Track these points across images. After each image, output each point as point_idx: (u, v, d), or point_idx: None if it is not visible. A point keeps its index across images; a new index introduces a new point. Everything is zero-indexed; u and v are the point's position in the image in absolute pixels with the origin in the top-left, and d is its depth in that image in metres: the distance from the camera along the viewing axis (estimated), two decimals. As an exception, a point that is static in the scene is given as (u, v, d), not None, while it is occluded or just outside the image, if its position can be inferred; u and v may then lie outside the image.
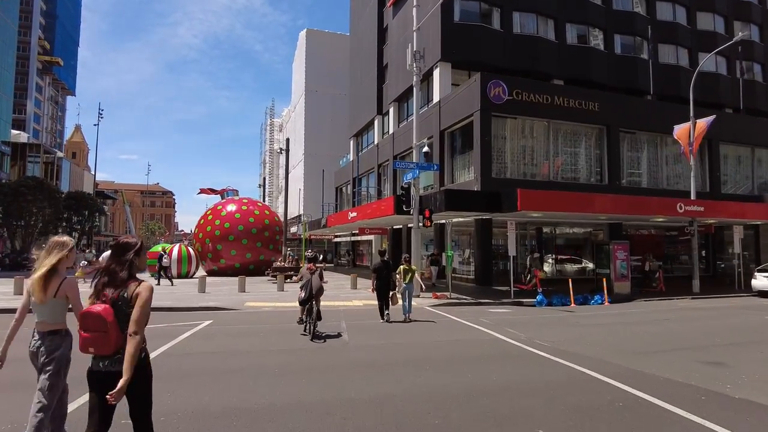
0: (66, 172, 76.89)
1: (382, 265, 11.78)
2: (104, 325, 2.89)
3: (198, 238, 30.72)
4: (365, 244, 41.21)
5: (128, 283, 3.06)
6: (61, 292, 3.49)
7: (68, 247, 3.59)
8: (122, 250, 3.14)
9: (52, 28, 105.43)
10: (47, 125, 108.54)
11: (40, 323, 3.54)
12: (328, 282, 12.31)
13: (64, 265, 3.56)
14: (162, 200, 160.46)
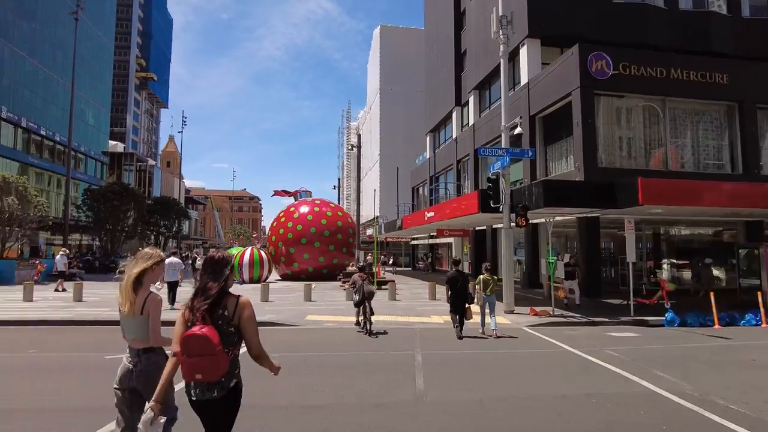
0: (157, 179, 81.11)
1: (455, 275, 10.46)
2: (210, 347, 2.67)
3: (271, 241, 29.68)
4: (444, 247, 38.46)
5: (225, 300, 2.89)
6: (145, 309, 3.29)
7: (154, 260, 3.38)
8: (218, 266, 2.97)
9: (147, 46, 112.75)
10: (144, 136, 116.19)
11: (131, 340, 3.35)
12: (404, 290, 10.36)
13: (150, 279, 3.37)
14: (249, 205, 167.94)
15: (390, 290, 17.25)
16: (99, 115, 64.30)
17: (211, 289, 2.87)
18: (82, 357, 7.81)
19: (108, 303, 14.75)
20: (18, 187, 24.30)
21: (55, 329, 10.53)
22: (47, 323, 10.95)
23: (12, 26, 45.18)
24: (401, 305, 15.61)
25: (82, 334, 9.98)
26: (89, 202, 36.71)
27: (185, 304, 2.91)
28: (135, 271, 3.32)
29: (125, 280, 3.32)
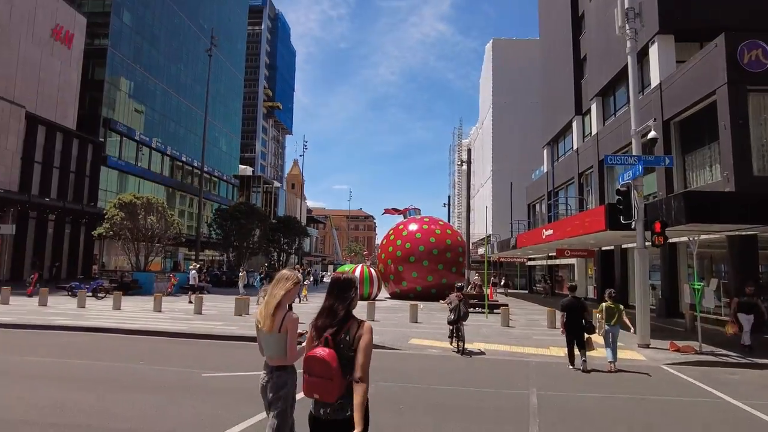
0: (282, 200, 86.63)
1: (572, 302, 9.48)
2: (329, 370, 2.74)
3: (381, 259, 29.72)
4: (565, 269, 35.59)
5: (348, 324, 2.91)
6: (283, 327, 3.37)
7: (292, 281, 3.47)
8: (343, 288, 3.02)
9: (273, 78, 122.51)
10: (271, 161, 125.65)
11: (268, 357, 3.48)
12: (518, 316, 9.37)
13: (287, 298, 3.45)
14: (364, 224, 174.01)
15: (503, 315, 15.95)
16: (231, 142, 70.73)
17: (337, 311, 2.94)
18: (180, 373, 7.88)
19: (223, 317, 15.41)
20: (158, 207, 27.08)
21: (169, 341, 11.03)
22: (163, 334, 11.54)
23: (163, 68, 51.55)
24: (515, 333, 14.27)
25: (189, 348, 10.29)
26: (219, 221, 40.01)
27: (311, 322, 3.00)
28: (281, 293, 3.42)
29: (268, 300, 3.43)
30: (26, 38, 34.01)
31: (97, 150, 40.04)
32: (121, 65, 44.09)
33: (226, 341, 11.14)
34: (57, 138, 35.68)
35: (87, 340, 10.80)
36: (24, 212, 32.37)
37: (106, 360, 8.67)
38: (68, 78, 38.10)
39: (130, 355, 9.28)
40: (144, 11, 47.85)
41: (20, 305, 16.69)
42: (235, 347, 10.55)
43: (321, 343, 2.86)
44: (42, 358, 8.74)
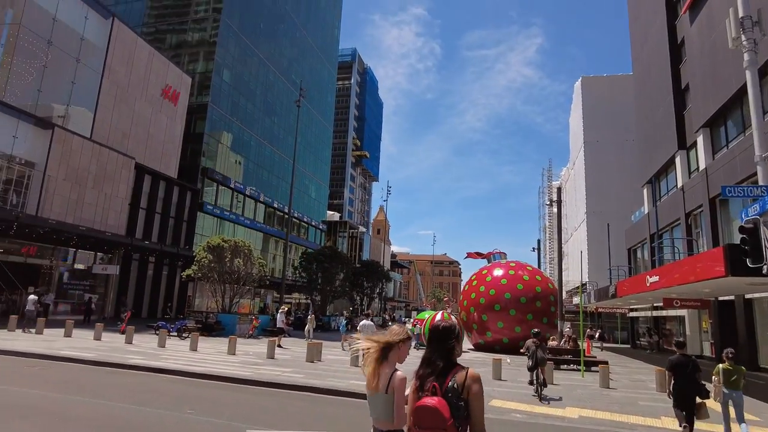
0: (367, 245, 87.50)
1: (681, 360, 7.87)
2: (442, 421, 2.64)
3: (463, 306, 28.08)
4: (674, 321, 31.47)
5: (454, 371, 2.84)
6: (390, 387, 3.10)
7: (401, 336, 3.26)
8: (443, 337, 2.96)
9: (362, 128, 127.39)
10: (358, 207, 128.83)
11: (375, 420, 3.19)
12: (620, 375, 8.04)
13: (395, 356, 3.22)
14: (449, 269, 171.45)
15: (601, 374, 13.81)
16: (319, 189, 73.28)
17: (439, 361, 2.89)
18: (225, 427, 7.19)
19: (295, 363, 14.83)
20: (244, 250, 27.89)
21: (229, 387, 10.53)
22: (227, 379, 11.09)
23: (258, 121, 55.13)
24: (617, 396, 12.19)
25: (246, 396, 9.68)
26: (304, 264, 40.66)
27: (414, 372, 2.94)
28: (382, 340, 3.27)
29: (371, 350, 3.25)
30: (140, 97, 37.89)
31: (195, 197, 42.91)
32: (219, 119, 47.66)
33: (288, 391, 10.43)
34: (160, 186, 38.75)
35: (148, 382, 10.62)
36: (128, 254, 35.02)
37: (155, 405, 8.26)
38: (173, 132, 41.70)
39: (182, 400, 8.84)
40: (242, 70, 51.87)
41: (109, 342, 17.36)
42: (295, 398, 9.79)
43: (428, 392, 2.79)
44: (92, 399, 8.53)
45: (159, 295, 38.66)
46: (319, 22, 73.60)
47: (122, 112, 35.90)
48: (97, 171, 31.81)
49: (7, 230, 24.67)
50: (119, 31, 35.46)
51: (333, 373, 12.78)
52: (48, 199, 28.31)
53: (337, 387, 10.44)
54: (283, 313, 23.80)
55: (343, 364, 15.23)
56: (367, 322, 16.64)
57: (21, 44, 29.12)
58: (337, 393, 10.17)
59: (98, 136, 33.01)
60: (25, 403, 7.87)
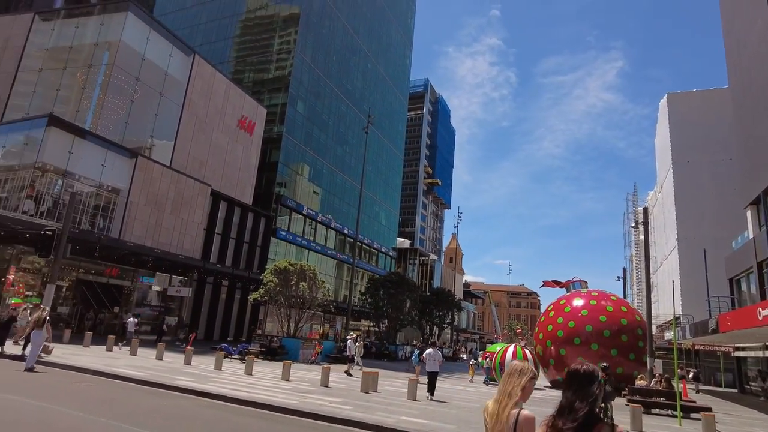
0: (438, 273, 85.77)
1: None
2: None
3: (538, 339, 25.84)
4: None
5: (596, 428, 2.61)
6: (518, 429, 2.94)
7: (528, 376, 3.10)
8: (584, 382, 2.76)
9: (433, 156, 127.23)
10: (430, 235, 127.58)
11: None
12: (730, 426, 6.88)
13: (525, 397, 3.07)
14: (527, 301, 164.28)
15: (705, 424, 11.51)
16: (390, 216, 73.10)
17: (579, 410, 2.69)
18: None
19: (348, 393, 13.87)
20: (309, 274, 27.69)
21: (268, 416, 9.76)
22: (269, 407, 10.33)
23: (330, 150, 56.27)
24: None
25: (282, 428, 8.83)
26: (370, 290, 40.01)
27: (546, 422, 2.77)
28: (517, 391, 3.07)
29: (500, 398, 3.07)
30: (218, 128, 39.82)
31: (269, 223, 43.99)
32: (293, 149, 49.03)
33: (327, 423, 9.48)
34: (235, 212, 40.07)
35: (184, 405, 10.12)
36: (201, 278, 36.20)
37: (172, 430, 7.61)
38: (248, 161, 43.32)
39: (208, 427, 8.15)
40: (315, 101, 53.41)
41: (169, 362, 17.40)
42: (337, 430, 8.82)
43: None
44: (112, 420, 8.04)
45: (231, 318, 39.54)
46: (391, 53, 74.88)
47: (200, 142, 37.79)
48: (175, 197, 33.39)
49: (91, 252, 26.22)
50: (199, 65, 37.71)
51: (385, 407, 11.66)
52: (130, 223, 29.95)
53: (383, 423, 9.33)
54: (353, 339, 23.11)
55: (400, 397, 14.05)
56: (432, 351, 15.82)
57: (114, 82, 31.63)
58: (383, 430, 9.06)
59: (177, 164, 34.83)
60: (41, 418, 7.53)
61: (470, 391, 19.28)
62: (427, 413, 11.32)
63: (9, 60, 34.31)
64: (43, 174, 26.67)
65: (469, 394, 17.99)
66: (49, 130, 26.54)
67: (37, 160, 26.30)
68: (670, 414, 14.91)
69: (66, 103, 32.17)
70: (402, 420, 9.96)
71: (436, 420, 10.41)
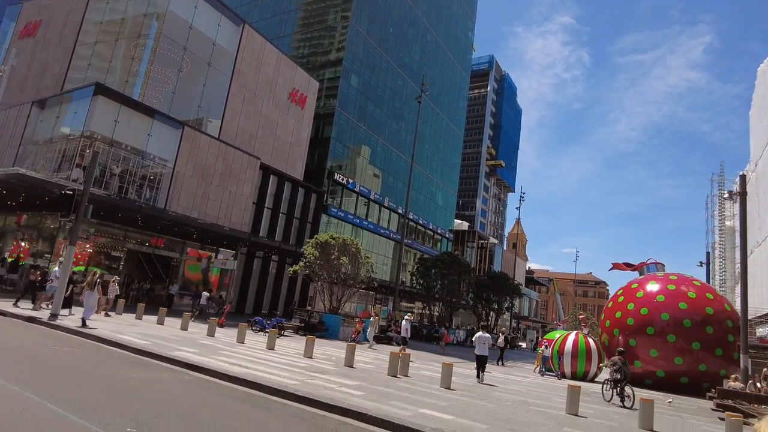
0: (498, 257, 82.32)
1: None
2: None
3: (604, 327, 22.83)
4: None
5: None
6: None
7: None
8: None
9: (497, 137, 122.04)
10: (491, 219, 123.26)
11: None
12: None
13: None
14: (594, 290, 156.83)
15: None
16: (447, 197, 70.33)
17: None
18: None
19: (372, 376, 12.06)
20: (351, 249, 26.10)
21: (249, 397, 8.10)
22: (263, 388, 8.67)
23: (385, 126, 54.36)
24: None
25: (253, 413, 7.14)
26: (421, 270, 38.03)
27: None
28: None
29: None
30: (268, 100, 38.92)
31: (320, 199, 42.93)
32: (347, 124, 47.53)
33: (323, 412, 7.66)
34: (285, 187, 39.23)
35: (164, 379, 8.68)
36: (251, 252, 35.71)
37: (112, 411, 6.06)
38: (300, 135, 42.28)
39: (165, 408, 6.57)
40: (370, 75, 51.51)
41: (192, 333, 16.37)
42: (322, 421, 7.00)
43: None
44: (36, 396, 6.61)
45: (280, 294, 39.01)
46: (452, 25, 71.31)
47: (249, 114, 37.05)
48: (223, 169, 32.83)
49: (134, 221, 26.01)
50: (249, 36, 36.78)
51: (407, 396, 9.72)
52: (176, 194, 29.62)
53: (392, 416, 7.39)
54: (409, 321, 21.42)
55: (433, 383, 12.06)
56: (481, 334, 15.14)
57: (161, 52, 31.26)
58: (389, 425, 7.12)
59: (225, 136, 34.23)
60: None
61: (521, 381, 16.91)
62: (457, 406, 9.28)
63: (69, 35, 34.93)
64: (91, 143, 26.70)
65: (519, 385, 15.66)
66: (96, 99, 26.41)
67: (85, 129, 26.31)
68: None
69: (117, 75, 32.28)
70: (420, 414, 7.98)
71: (465, 416, 8.35)
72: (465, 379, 14.63)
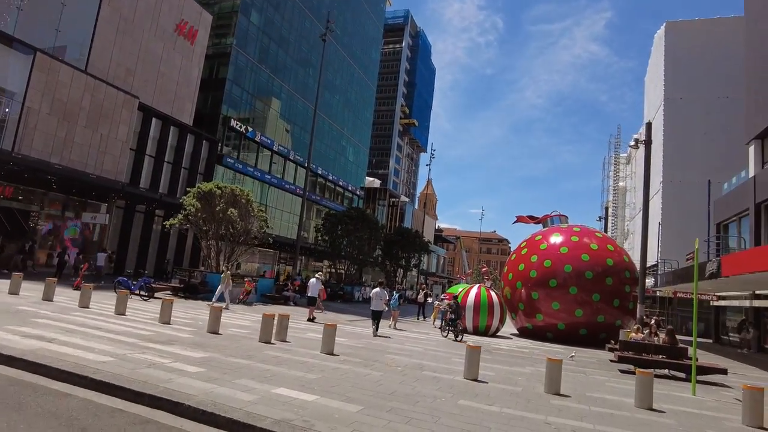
0: (409, 215, 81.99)
1: None
2: None
3: (507, 280, 22.19)
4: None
5: None
6: None
7: None
8: None
9: (411, 95, 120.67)
10: (404, 178, 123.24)
11: None
12: None
13: None
14: (498, 247, 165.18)
15: (749, 401, 7.76)
16: (359, 153, 67.97)
17: None
18: None
19: (227, 346, 9.74)
20: (241, 200, 23.12)
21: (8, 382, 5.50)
22: (35, 368, 6.05)
23: (290, 71, 50.13)
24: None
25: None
26: (327, 226, 35.83)
27: None
28: None
29: None
30: (150, 31, 33.52)
31: (214, 148, 38.68)
32: (245, 65, 42.97)
33: (123, 403, 5.27)
34: (172, 132, 34.61)
35: None
36: (130, 206, 31.31)
37: None
38: (189, 74, 37.31)
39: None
40: (273, 13, 46.81)
41: (29, 296, 12.94)
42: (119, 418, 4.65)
43: None
44: None
45: (166, 253, 34.99)
46: (365, -32, 67.19)
47: (126, 46, 31.65)
48: (92, 108, 27.76)
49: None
50: (122, -51, 31.00)
51: (271, 368, 7.58)
52: (27, 135, 24.45)
53: (222, 403, 5.16)
54: (319, 279, 18.94)
55: (313, 350, 10.01)
56: (379, 290, 15.31)
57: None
58: (209, 418, 4.89)
59: (95, 70, 28.89)
60: None
61: (421, 339, 15.48)
62: (330, 380, 7.30)
63: None
64: None
65: (417, 343, 14.14)
66: None
67: None
68: (669, 375, 11.37)
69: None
70: (270, 396, 5.86)
71: (335, 394, 6.38)
72: (356, 339, 12.84)
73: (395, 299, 19.14)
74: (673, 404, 8.25)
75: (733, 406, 8.68)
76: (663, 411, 7.58)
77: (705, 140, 42.42)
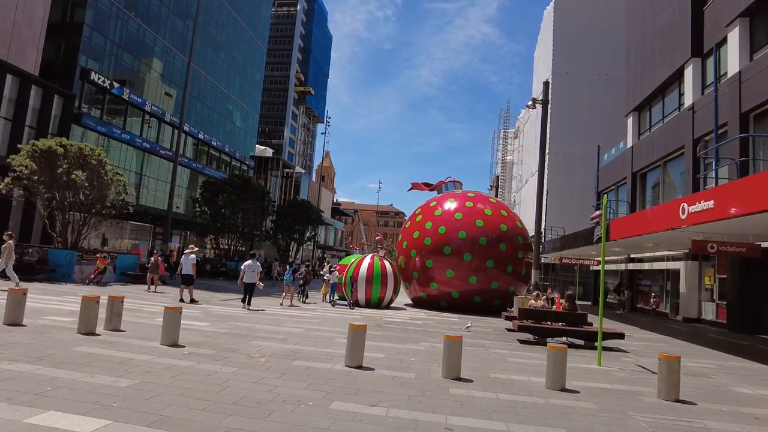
0: (305, 188, 78.96)
1: None
2: None
3: (401, 249, 20.94)
4: (658, 276, 25.95)
5: None
6: None
7: None
8: None
9: (306, 62, 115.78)
10: (300, 149, 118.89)
11: None
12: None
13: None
14: (394, 220, 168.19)
15: (666, 372, 6.87)
16: (248, 118, 63.19)
17: None
18: None
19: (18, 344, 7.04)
20: (91, 161, 19.13)
21: None
22: None
23: (165, 21, 44.21)
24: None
25: None
26: (207, 195, 32.10)
27: None
28: None
29: None
30: (-29, -48, 26.94)
31: (69, 105, 32.75)
32: (108, 8, 36.81)
33: None
34: (8, 82, 28.49)
35: None
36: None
37: None
38: (31, 11, 30.85)
39: None
40: (141, -52, 40.60)
41: None
42: None
43: None
44: None
45: (7, 227, 29.17)
46: None
47: (-64, -34, 25.07)
48: None
49: None
50: None
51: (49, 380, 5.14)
52: None
53: None
54: (189, 255, 15.68)
55: (153, 340, 7.62)
56: (251, 262, 14.60)
57: None
58: None
59: None
60: None
61: (305, 317, 13.52)
62: (144, 390, 5.10)
63: None
64: None
65: (300, 321, 12.16)
66: None
67: None
68: (567, 343, 10.62)
69: None
70: (20, 427, 3.56)
71: (138, 415, 4.22)
72: (221, 322, 10.58)
73: (289, 274, 16.93)
74: (584, 380, 7.20)
75: (641, 375, 7.92)
76: (577, 391, 6.43)
77: (589, 114, 44.71)
